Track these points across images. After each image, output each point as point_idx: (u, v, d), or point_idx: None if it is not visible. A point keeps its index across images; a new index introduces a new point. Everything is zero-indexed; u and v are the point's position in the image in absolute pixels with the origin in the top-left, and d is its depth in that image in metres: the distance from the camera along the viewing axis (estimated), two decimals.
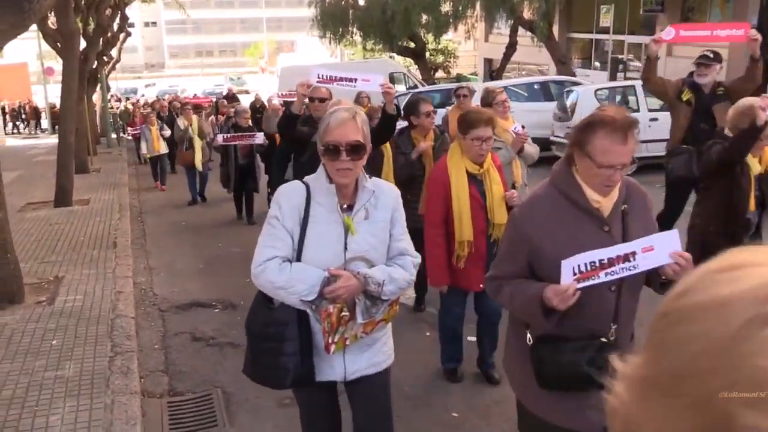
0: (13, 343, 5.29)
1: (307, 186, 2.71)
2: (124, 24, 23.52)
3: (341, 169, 2.59)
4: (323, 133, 2.62)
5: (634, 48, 24.88)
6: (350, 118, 2.61)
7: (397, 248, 2.78)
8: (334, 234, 2.64)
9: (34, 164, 18.26)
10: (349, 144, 2.57)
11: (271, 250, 2.61)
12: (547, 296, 2.33)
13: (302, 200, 2.65)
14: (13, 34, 6.13)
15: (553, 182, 2.54)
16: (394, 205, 2.78)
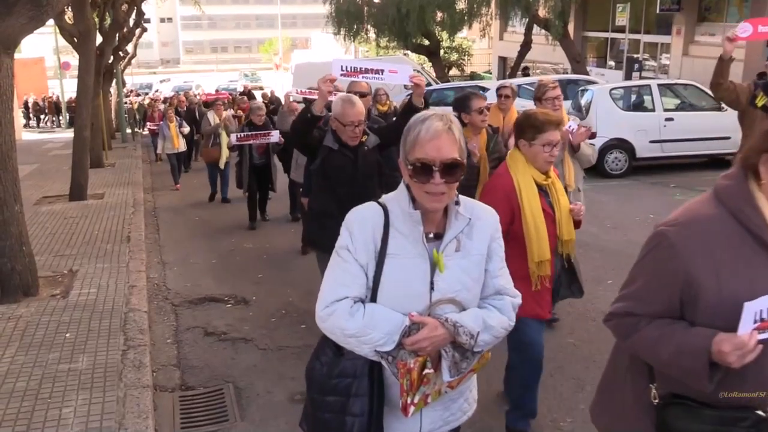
0: (27, 335, 5.33)
1: (385, 210, 2.20)
2: (140, 19, 23.66)
3: (433, 193, 2.09)
4: (410, 145, 2.11)
5: (650, 47, 24.73)
6: (446, 129, 2.09)
7: (493, 286, 2.28)
8: (418, 270, 2.15)
9: (49, 158, 18.40)
10: (445, 162, 2.06)
11: (341, 288, 2.16)
12: (721, 349, 1.77)
13: (379, 228, 2.17)
14: (30, 29, 6.17)
15: (721, 200, 1.95)
16: (493, 233, 2.28)
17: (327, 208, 4.51)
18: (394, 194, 2.24)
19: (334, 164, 4.46)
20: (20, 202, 6.31)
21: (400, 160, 2.17)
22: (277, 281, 7.14)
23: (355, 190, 4.28)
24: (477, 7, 24.04)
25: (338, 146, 4.45)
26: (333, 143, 4.45)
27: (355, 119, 4.29)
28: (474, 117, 4.98)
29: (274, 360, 5.17)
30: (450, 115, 2.14)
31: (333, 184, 4.51)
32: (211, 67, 71.19)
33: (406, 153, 2.12)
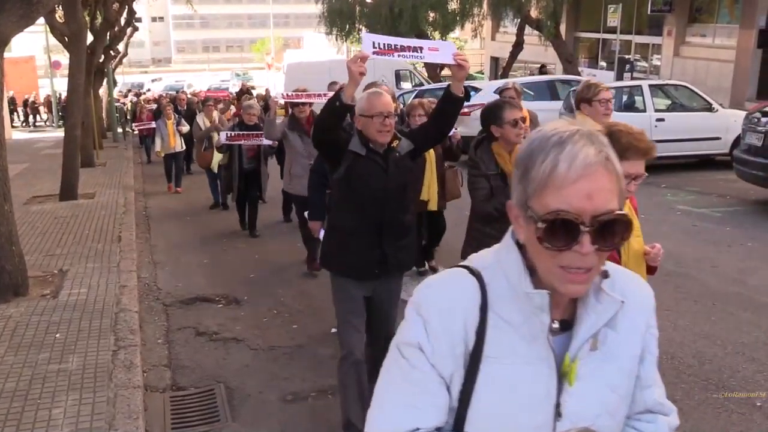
0: (17, 335, 5.30)
1: (480, 281, 1.35)
2: (131, 18, 23.57)
3: (575, 269, 1.23)
4: (536, 184, 1.23)
5: (641, 48, 24.83)
6: (601, 160, 1.22)
7: (643, 401, 1.48)
8: (535, 385, 1.32)
9: (40, 157, 18.31)
10: (600, 218, 1.20)
11: (407, 414, 1.34)
12: None
13: (473, 315, 1.32)
14: (21, 27, 6.13)
15: None
16: (648, 319, 1.45)
17: (350, 223, 3.75)
18: (493, 255, 1.40)
19: (361, 173, 3.68)
20: (10, 202, 6.28)
21: (512, 204, 1.32)
22: (270, 281, 7.12)
23: (385, 203, 3.69)
24: (469, 7, 24.05)
25: (366, 151, 3.67)
26: (360, 147, 3.67)
27: (384, 109, 3.61)
28: (507, 130, 4.07)
29: (265, 360, 5.15)
30: (600, 135, 1.27)
31: (359, 197, 3.71)
32: (203, 67, 70.96)
33: (528, 196, 1.24)
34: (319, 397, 4.52)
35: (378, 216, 3.66)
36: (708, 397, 4.22)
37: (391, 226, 3.71)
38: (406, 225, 3.84)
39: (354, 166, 3.68)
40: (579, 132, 1.24)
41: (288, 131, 7.15)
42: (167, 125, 12.77)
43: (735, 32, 20.00)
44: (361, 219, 3.70)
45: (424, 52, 3.61)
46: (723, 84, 19.54)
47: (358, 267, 3.71)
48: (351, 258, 3.71)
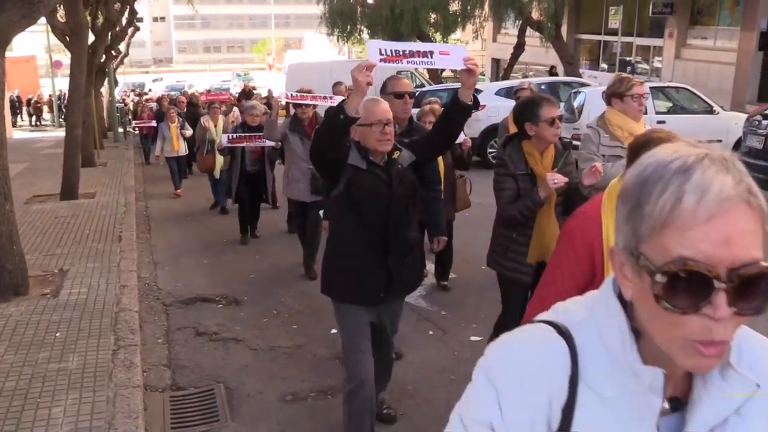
0: (17, 334, 5.30)
1: (570, 345, 1.05)
2: (132, 18, 23.60)
3: (705, 342, 0.91)
4: (653, 223, 0.92)
5: (643, 50, 24.83)
6: (743, 193, 0.90)
7: None
8: None
9: (41, 157, 18.31)
10: (741, 270, 0.88)
11: None
12: None
13: (561, 387, 1.04)
14: (22, 26, 6.14)
15: None
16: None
17: (352, 245, 3.47)
18: (587, 308, 1.09)
19: (362, 188, 3.38)
20: (11, 201, 6.28)
21: (616, 249, 1.01)
22: (270, 281, 7.13)
23: (390, 220, 3.43)
24: (470, 8, 24.08)
25: (366, 164, 3.39)
26: (359, 161, 3.40)
27: (383, 117, 3.35)
28: (543, 129, 3.83)
29: (265, 360, 5.16)
30: (737, 160, 0.95)
31: (361, 214, 3.42)
32: (204, 67, 71.03)
33: (640, 238, 0.95)
34: (318, 398, 4.52)
35: (383, 234, 3.43)
36: None
37: (397, 244, 3.47)
38: (411, 242, 3.60)
39: (354, 181, 3.38)
40: (708, 156, 0.92)
41: (289, 133, 6.86)
42: (170, 129, 12.44)
43: (736, 35, 20.01)
44: (365, 239, 3.43)
45: (435, 57, 3.35)
46: (724, 86, 19.54)
47: (363, 292, 3.47)
48: (356, 283, 3.46)
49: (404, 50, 3.32)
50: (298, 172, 6.80)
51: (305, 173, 6.67)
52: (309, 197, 6.79)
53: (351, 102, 3.12)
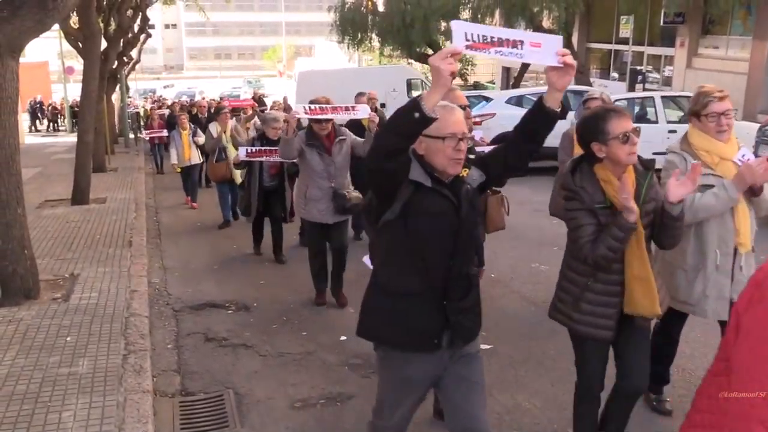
0: (28, 338, 5.32)
1: None
2: (144, 25, 23.71)
3: None
4: None
5: (654, 59, 24.77)
6: None
7: None
8: None
9: (52, 162, 18.44)
10: None
11: None
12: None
13: None
14: (36, 33, 6.18)
15: None
16: None
17: (406, 282, 2.80)
18: None
19: (425, 212, 2.72)
20: (23, 206, 6.32)
21: None
22: (279, 288, 7.13)
23: (455, 253, 2.79)
24: (481, 17, 24.11)
25: (431, 182, 2.73)
26: (424, 177, 2.72)
27: (458, 130, 2.70)
28: (615, 148, 3.11)
29: (274, 366, 5.15)
30: None
31: (420, 245, 2.76)
32: (215, 74, 71.37)
33: None
34: (327, 404, 4.51)
35: (444, 269, 2.78)
36: None
37: (459, 282, 2.83)
38: (473, 279, 2.94)
39: (415, 203, 2.72)
40: None
41: (305, 147, 6.10)
42: (182, 136, 11.74)
43: (748, 44, 19.92)
44: (422, 274, 2.77)
45: (525, 48, 2.70)
46: (736, 96, 19.37)
47: (413, 338, 2.82)
48: (405, 327, 2.82)
49: (493, 37, 2.69)
50: (317, 190, 6.13)
51: (326, 192, 6.12)
52: (332, 218, 6.19)
53: (430, 98, 2.42)
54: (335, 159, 6.12)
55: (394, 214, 2.74)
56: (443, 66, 2.39)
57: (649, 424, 4.15)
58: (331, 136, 6.15)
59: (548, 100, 2.68)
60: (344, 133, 6.23)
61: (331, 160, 6.10)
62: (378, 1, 28.13)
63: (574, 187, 3.20)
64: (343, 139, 6.18)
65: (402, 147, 2.52)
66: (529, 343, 5.41)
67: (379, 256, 3.00)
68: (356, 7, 27.51)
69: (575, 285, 3.31)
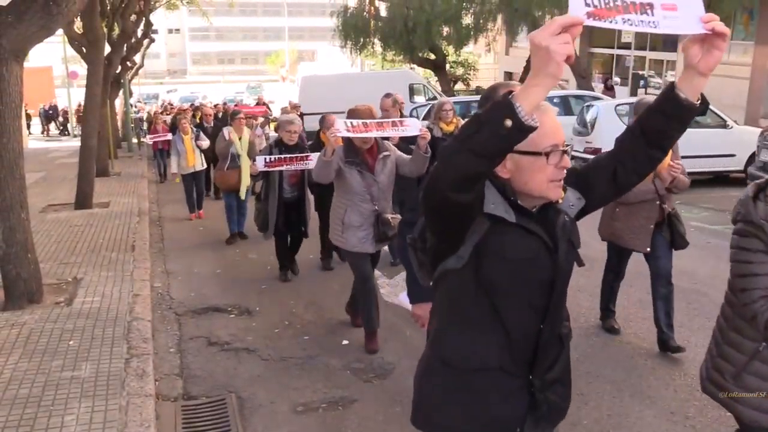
0: (31, 342, 5.34)
1: None
2: (148, 30, 23.81)
3: None
4: None
5: (656, 64, 24.79)
6: None
7: None
8: None
9: (56, 166, 18.48)
10: None
11: None
12: None
13: None
14: (40, 37, 6.22)
15: None
16: None
17: (479, 352, 2.06)
18: None
19: (507, 257, 1.97)
20: (26, 210, 6.34)
21: None
22: (281, 292, 7.14)
23: (548, 311, 2.04)
24: (483, 22, 24.19)
25: (516, 215, 1.98)
26: (505, 209, 1.97)
27: (560, 139, 2.00)
28: None
29: (277, 370, 5.16)
30: None
31: (501, 300, 2.01)
32: (218, 78, 71.51)
33: None
34: (329, 409, 4.52)
35: (532, 334, 2.03)
36: (721, 414, 4.18)
37: (549, 349, 2.09)
38: (564, 340, 2.18)
39: (492, 245, 1.95)
40: None
41: (343, 165, 5.20)
42: (184, 141, 11.00)
43: (750, 49, 19.94)
44: (502, 343, 2.03)
45: (656, 13, 1.91)
46: (738, 101, 19.44)
47: (494, 425, 2.08)
48: (478, 417, 2.07)
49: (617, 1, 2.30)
50: (357, 215, 5.23)
51: (368, 216, 5.23)
52: (373, 246, 5.33)
53: (529, 96, 1.64)
54: (378, 178, 5.23)
55: (462, 260, 1.97)
56: (555, 45, 1.60)
57: None
58: (373, 152, 5.28)
59: (684, 87, 1.95)
60: (388, 148, 5.37)
61: (373, 179, 5.21)
62: (380, 6, 28.19)
63: (758, 219, 2.42)
64: (387, 155, 5.31)
65: (483, 171, 1.74)
66: None
67: (438, 316, 2.19)
68: (359, 12, 27.59)
69: (740, 350, 2.53)
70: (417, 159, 5.11)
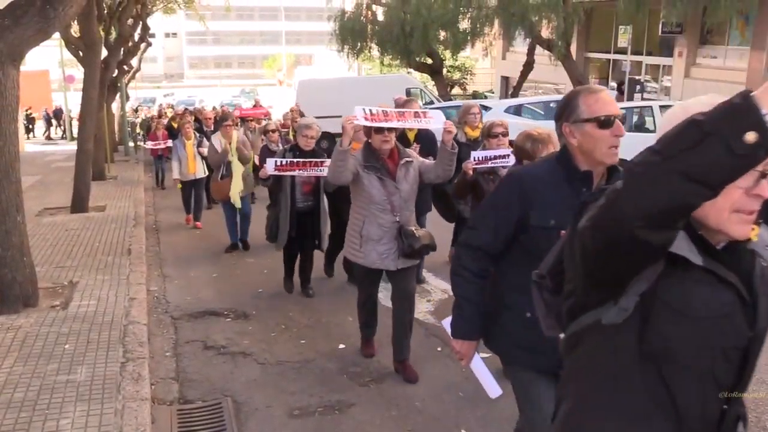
0: (26, 346, 5.32)
1: None
2: (145, 34, 23.80)
3: None
4: None
5: (652, 69, 24.85)
6: None
7: None
8: None
9: (52, 170, 18.45)
10: None
11: None
12: None
13: None
14: (37, 41, 6.21)
15: None
16: None
17: None
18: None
19: (688, 312, 1.48)
20: (22, 213, 6.32)
21: None
22: (278, 296, 7.13)
23: (738, 383, 1.57)
24: (480, 26, 24.18)
25: (703, 257, 1.50)
26: (687, 245, 1.49)
27: None
28: None
29: (273, 374, 5.15)
30: None
31: (672, 371, 1.51)
32: (215, 82, 71.47)
33: None
34: (325, 413, 4.51)
35: (712, 412, 1.54)
36: None
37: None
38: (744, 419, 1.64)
39: (668, 295, 1.50)
40: None
41: (362, 170, 4.73)
42: (185, 146, 10.56)
43: (746, 54, 20.01)
44: (670, 424, 1.53)
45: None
46: None
47: None
48: None
49: None
50: (376, 227, 4.77)
51: (389, 228, 4.74)
52: (395, 263, 4.81)
53: None
54: (400, 186, 4.73)
55: (625, 313, 1.51)
56: None
57: None
58: (394, 157, 4.81)
59: None
60: (409, 154, 4.92)
61: (395, 186, 4.71)
62: (377, 11, 28.22)
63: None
64: (410, 161, 4.84)
65: (698, 203, 1.29)
66: None
67: (572, 392, 1.69)
68: (356, 17, 27.59)
69: None
70: (443, 159, 4.61)
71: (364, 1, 27.69)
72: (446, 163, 4.62)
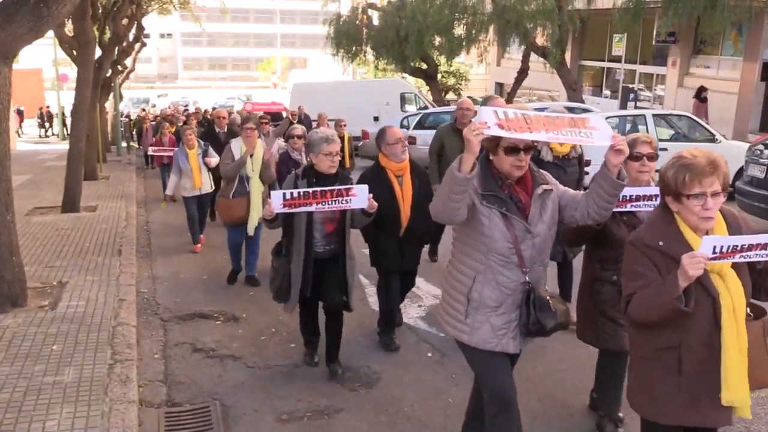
0: (14, 346, 5.28)
1: None
2: (140, 34, 23.77)
3: None
4: None
5: (646, 77, 24.98)
6: None
7: None
8: None
9: (43, 169, 18.36)
10: None
11: None
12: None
13: None
14: (30, 39, 6.18)
15: None
16: None
17: None
18: None
19: None
20: (12, 212, 6.28)
21: None
22: (268, 299, 7.02)
23: None
24: (475, 32, 24.24)
25: None
26: None
27: None
28: None
29: (262, 378, 5.12)
30: None
31: None
32: (209, 84, 71.37)
33: None
34: (314, 418, 4.48)
35: None
36: None
37: None
38: None
39: None
40: None
41: (479, 203, 3.22)
42: (188, 157, 8.88)
43: (739, 65, 20.14)
44: None
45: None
46: (726, 115, 19.61)
47: None
48: None
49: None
50: (493, 289, 3.28)
51: (512, 292, 3.29)
52: (517, 344, 3.36)
53: None
54: (535, 228, 3.26)
55: None
56: None
57: None
58: (527, 184, 3.32)
59: None
60: (546, 179, 3.39)
61: (526, 229, 3.24)
62: (373, 15, 28.26)
63: None
64: (548, 189, 3.34)
65: None
66: None
67: None
68: (351, 21, 27.64)
69: None
70: (604, 191, 3.14)
71: (360, 5, 27.75)
72: (607, 198, 3.14)
